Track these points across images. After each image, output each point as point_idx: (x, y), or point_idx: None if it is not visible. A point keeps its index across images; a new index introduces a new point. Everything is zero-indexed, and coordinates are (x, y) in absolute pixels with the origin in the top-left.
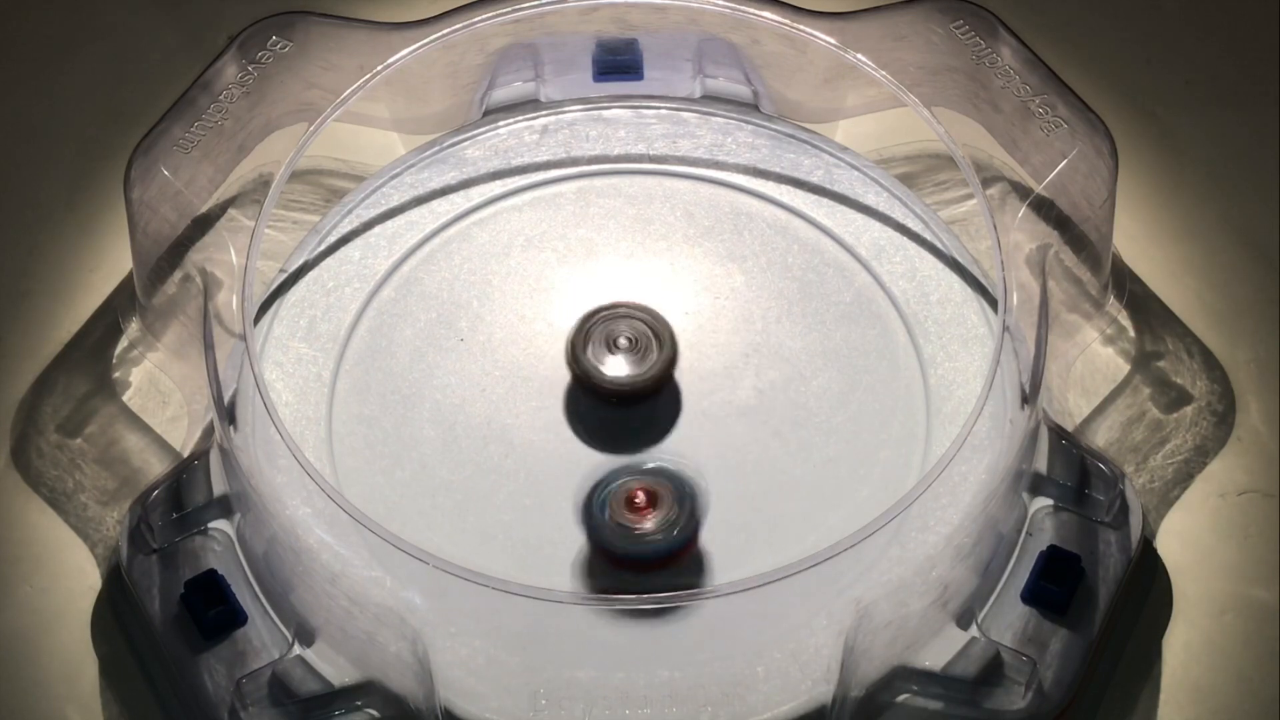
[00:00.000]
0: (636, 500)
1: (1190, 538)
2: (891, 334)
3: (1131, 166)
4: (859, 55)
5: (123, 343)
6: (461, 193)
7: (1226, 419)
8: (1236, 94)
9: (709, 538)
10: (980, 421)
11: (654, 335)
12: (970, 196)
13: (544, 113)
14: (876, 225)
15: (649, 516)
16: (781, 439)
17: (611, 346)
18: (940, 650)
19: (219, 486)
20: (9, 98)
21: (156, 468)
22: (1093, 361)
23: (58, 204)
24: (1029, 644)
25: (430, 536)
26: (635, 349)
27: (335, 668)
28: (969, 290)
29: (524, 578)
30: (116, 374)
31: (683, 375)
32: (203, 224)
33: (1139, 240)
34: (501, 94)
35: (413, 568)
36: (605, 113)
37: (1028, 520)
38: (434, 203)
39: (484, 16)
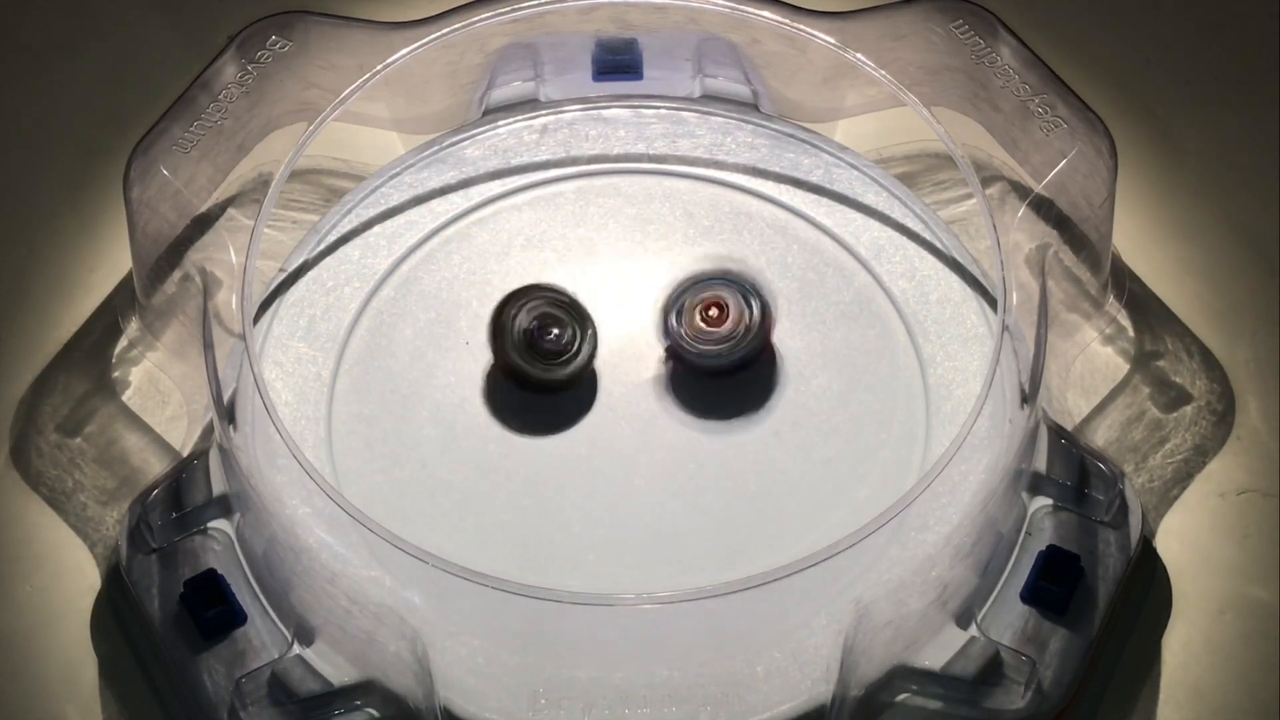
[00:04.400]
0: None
1: (1190, 537)
2: (891, 334)
3: (1131, 166)
4: (859, 55)
5: (122, 342)
6: (461, 192)
7: (1226, 418)
8: (1236, 94)
9: (709, 537)
10: (980, 421)
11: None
12: (970, 196)
13: (544, 112)
14: (876, 225)
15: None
16: (781, 439)
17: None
18: (940, 650)
19: (218, 486)
20: (9, 98)
21: (156, 467)
22: (1092, 361)
23: (58, 204)
24: (1028, 644)
25: (430, 536)
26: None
27: (335, 667)
28: (968, 290)
29: (524, 578)
30: (116, 374)
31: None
32: (202, 224)
33: (1139, 240)
34: (501, 93)
35: (413, 568)
36: (605, 112)
37: (1027, 520)
38: (433, 202)
39: (484, 16)
